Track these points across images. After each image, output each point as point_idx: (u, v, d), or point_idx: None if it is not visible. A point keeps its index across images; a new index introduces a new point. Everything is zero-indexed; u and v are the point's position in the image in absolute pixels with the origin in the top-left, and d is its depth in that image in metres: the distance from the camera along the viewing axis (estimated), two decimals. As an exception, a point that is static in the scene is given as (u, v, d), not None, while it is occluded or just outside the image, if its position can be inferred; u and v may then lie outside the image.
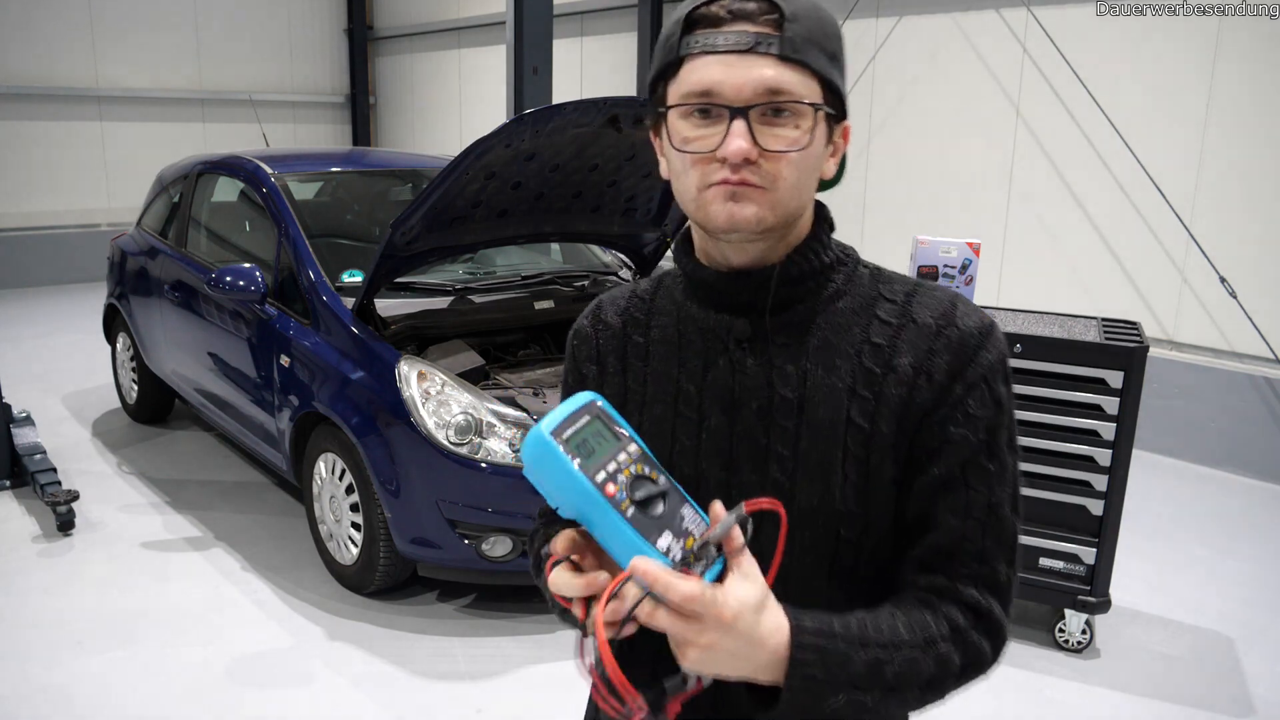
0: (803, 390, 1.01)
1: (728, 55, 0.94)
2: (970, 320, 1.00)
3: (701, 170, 0.97)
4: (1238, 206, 5.11)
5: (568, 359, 1.21)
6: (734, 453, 1.03)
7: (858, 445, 0.99)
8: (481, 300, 3.98)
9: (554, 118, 3.18)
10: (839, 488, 0.99)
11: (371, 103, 12.14)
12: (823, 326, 1.03)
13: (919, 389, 0.98)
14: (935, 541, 0.99)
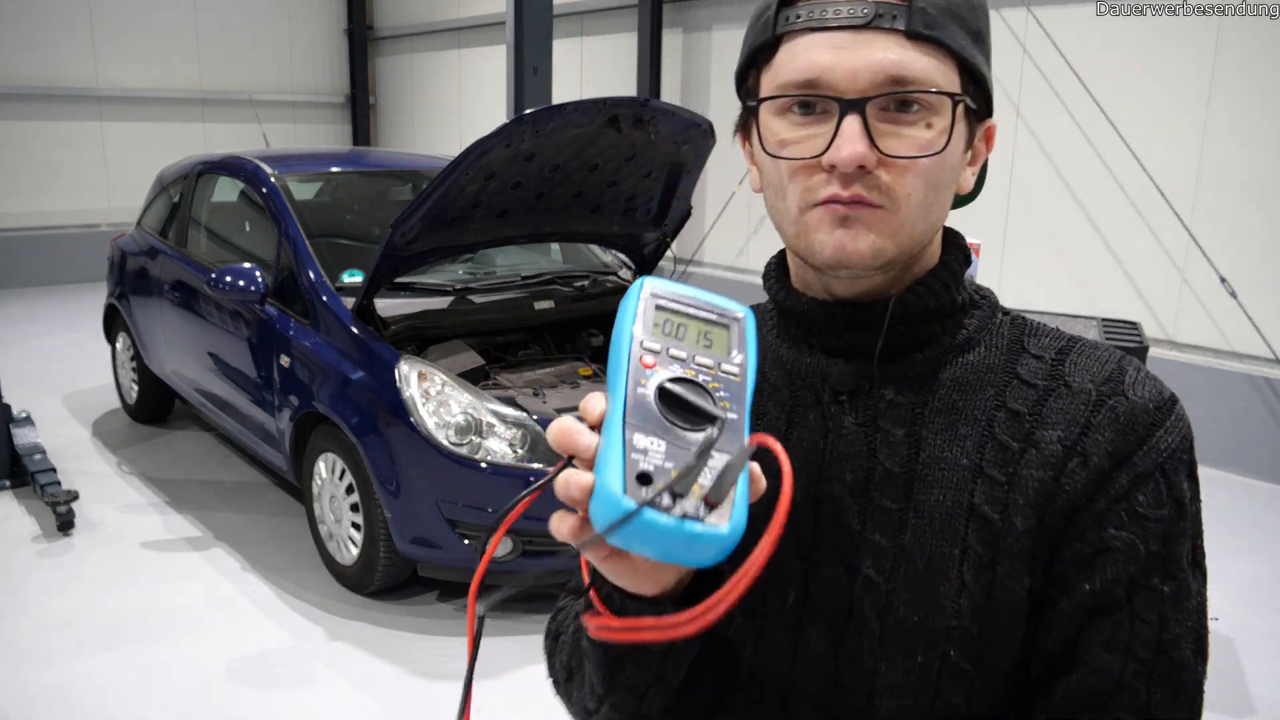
0: (914, 464, 0.78)
1: (839, 32, 0.72)
2: (1145, 390, 0.76)
3: (803, 184, 0.75)
4: (1238, 206, 5.11)
5: None
6: (816, 537, 0.79)
7: (982, 543, 0.75)
8: (481, 300, 3.98)
9: (554, 118, 3.18)
10: (952, 598, 0.75)
11: (371, 103, 12.14)
12: (947, 384, 0.80)
13: (1071, 474, 0.74)
14: (1082, 685, 0.73)
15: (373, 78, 12.17)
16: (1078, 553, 0.74)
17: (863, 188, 0.73)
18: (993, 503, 0.75)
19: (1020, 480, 0.75)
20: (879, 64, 0.71)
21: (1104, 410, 0.75)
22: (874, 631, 0.77)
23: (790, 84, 0.74)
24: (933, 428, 0.78)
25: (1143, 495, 0.73)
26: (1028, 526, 0.74)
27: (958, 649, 0.75)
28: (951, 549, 0.75)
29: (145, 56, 10.31)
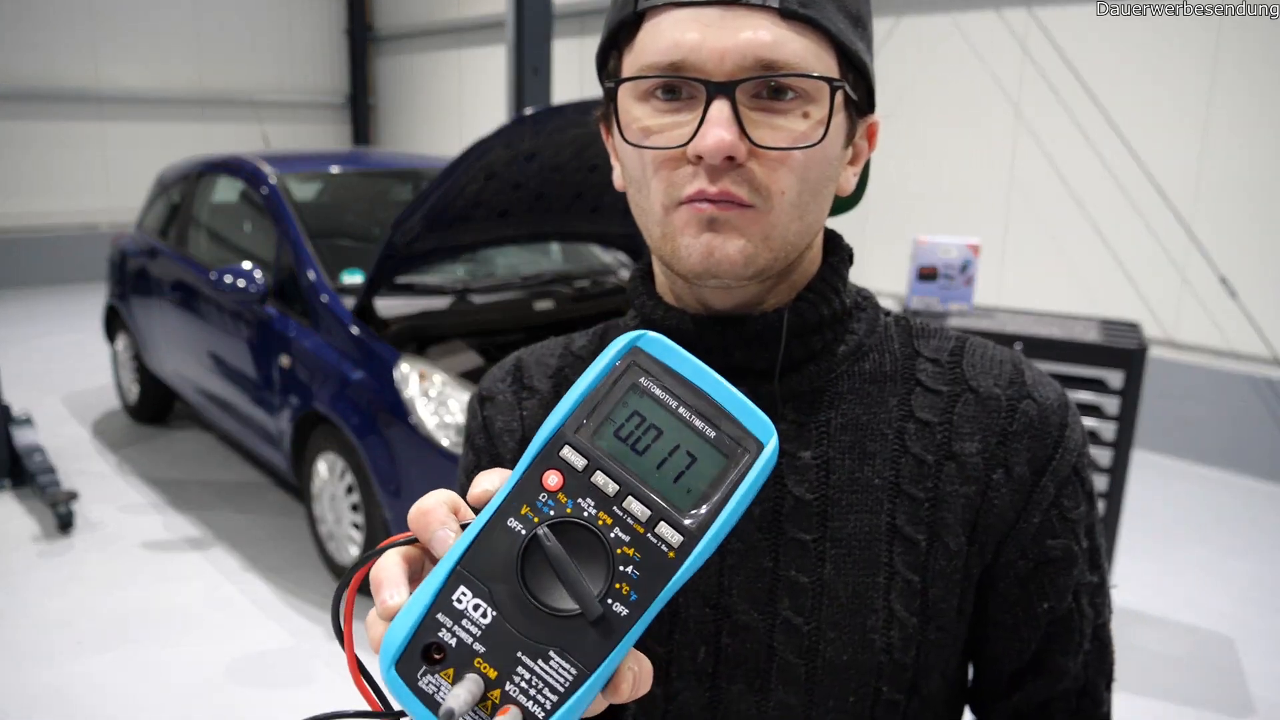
0: (825, 488, 0.72)
1: (707, 9, 0.64)
2: (1047, 390, 0.75)
3: (667, 178, 0.67)
4: (1238, 206, 5.11)
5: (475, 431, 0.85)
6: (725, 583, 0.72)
7: (908, 567, 0.71)
8: (481, 300, 3.98)
9: (554, 118, 3.18)
10: (881, 631, 0.70)
11: (371, 103, 12.14)
12: (847, 397, 0.74)
13: (996, 487, 0.72)
14: (1039, 690, 0.76)
15: (373, 78, 12.17)
16: (1022, 571, 0.73)
17: (731, 183, 0.65)
18: (916, 523, 0.71)
19: (944, 497, 0.71)
20: (750, 44, 0.63)
21: (1017, 417, 0.73)
22: (800, 677, 0.71)
23: (653, 65, 0.65)
24: (839, 447, 0.72)
25: (1067, 500, 0.73)
26: (959, 546, 0.71)
27: (889, 683, 0.71)
28: (875, 578, 0.70)
29: (145, 56, 10.31)
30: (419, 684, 0.43)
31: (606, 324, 0.87)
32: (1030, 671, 0.75)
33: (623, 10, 0.68)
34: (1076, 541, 0.74)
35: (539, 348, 0.86)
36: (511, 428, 0.82)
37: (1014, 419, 0.72)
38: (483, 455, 0.84)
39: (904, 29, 6.52)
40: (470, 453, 0.86)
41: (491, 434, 0.83)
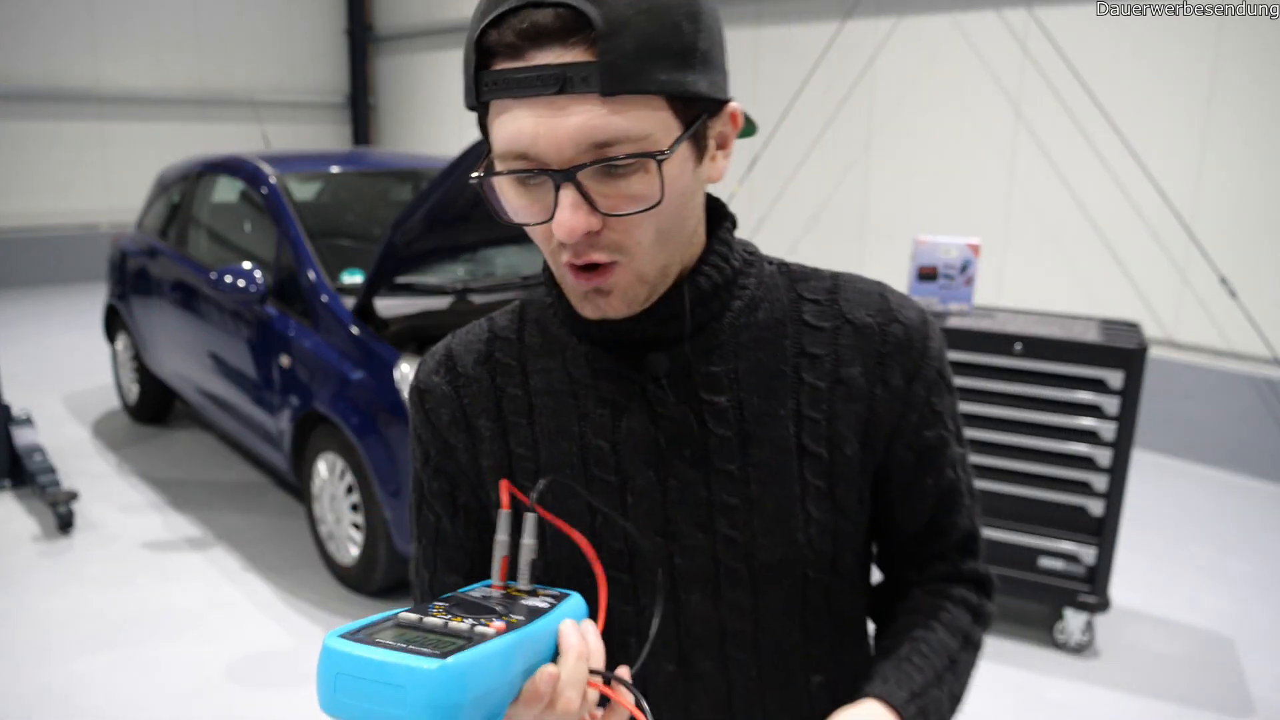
0: (741, 424, 0.84)
1: (536, 100, 0.70)
2: (909, 312, 0.89)
3: (545, 246, 0.78)
4: (1238, 206, 5.11)
5: (420, 426, 0.94)
6: (670, 514, 0.85)
7: (818, 477, 0.85)
8: (481, 300, 3.98)
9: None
10: (803, 529, 0.85)
11: (371, 103, 12.14)
12: (749, 345, 0.86)
13: (879, 400, 0.87)
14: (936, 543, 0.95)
15: (373, 78, 12.17)
16: (908, 459, 0.90)
17: (595, 251, 0.76)
18: (818, 440, 0.86)
19: (839, 415, 0.86)
20: (580, 131, 0.70)
21: (888, 339, 0.87)
22: (744, 579, 0.86)
23: (505, 154, 0.74)
24: (749, 388, 0.85)
25: (934, 398, 0.89)
26: (854, 452, 0.87)
27: (814, 568, 0.87)
28: (791, 490, 0.85)
29: (145, 56, 10.31)
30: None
31: (523, 300, 0.96)
32: (927, 532, 0.94)
33: (470, 100, 0.76)
34: (945, 428, 0.91)
35: (464, 333, 0.95)
36: (456, 418, 0.92)
37: (886, 341, 0.87)
38: (430, 448, 0.94)
39: (904, 29, 6.52)
40: (418, 446, 0.95)
41: (438, 427, 0.92)
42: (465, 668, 0.59)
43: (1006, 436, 3.32)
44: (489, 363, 0.92)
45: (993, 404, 3.32)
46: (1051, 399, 3.25)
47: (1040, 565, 3.33)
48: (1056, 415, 3.25)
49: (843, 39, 6.83)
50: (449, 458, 0.92)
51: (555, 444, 0.88)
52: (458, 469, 0.92)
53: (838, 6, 6.84)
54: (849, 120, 6.94)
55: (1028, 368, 3.26)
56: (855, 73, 6.83)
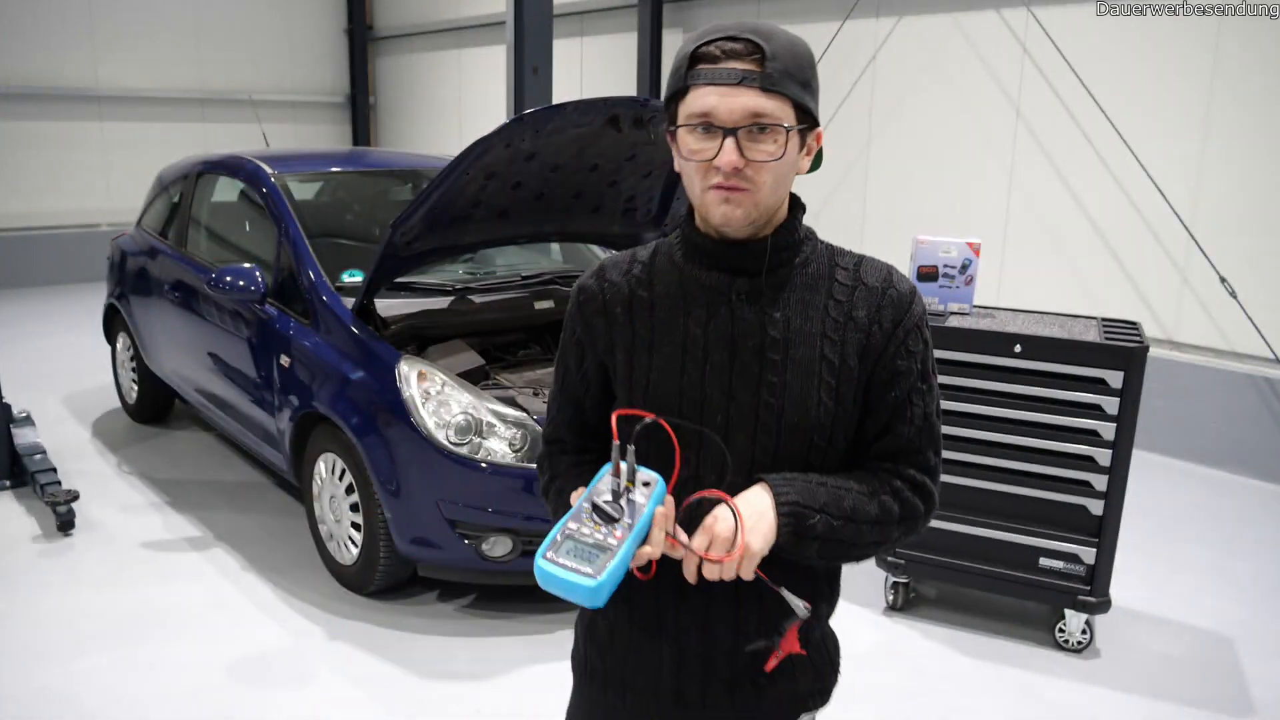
0: (787, 333, 1.29)
1: (721, 87, 1.20)
2: (904, 285, 1.33)
3: (703, 174, 1.25)
4: (1238, 207, 5.11)
5: (573, 315, 1.42)
6: (733, 383, 1.30)
7: (829, 375, 1.30)
8: (481, 300, 3.98)
9: (554, 118, 3.17)
10: (815, 409, 1.29)
11: (371, 103, 12.14)
12: (798, 286, 1.31)
13: (873, 335, 1.30)
14: (890, 444, 1.33)
15: (373, 78, 12.17)
16: (883, 378, 1.31)
17: (737, 179, 1.22)
18: (833, 352, 1.30)
19: (847, 340, 1.30)
20: (743, 107, 1.20)
21: (886, 298, 1.31)
22: (772, 430, 1.29)
23: (694, 115, 1.23)
24: (795, 313, 1.30)
25: (910, 341, 1.31)
26: (854, 364, 1.30)
27: (819, 436, 1.30)
28: (812, 380, 1.29)
29: (145, 56, 10.31)
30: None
31: (658, 241, 1.41)
32: (884, 433, 1.33)
33: (678, 83, 1.25)
34: (913, 363, 1.31)
35: (614, 256, 1.43)
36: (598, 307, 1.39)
37: (885, 298, 1.31)
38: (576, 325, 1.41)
39: (904, 29, 6.52)
40: (568, 325, 1.43)
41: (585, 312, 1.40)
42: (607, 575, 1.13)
43: (1006, 436, 3.32)
44: (628, 275, 1.39)
45: (993, 404, 3.32)
46: (1051, 399, 3.25)
47: (1040, 565, 3.33)
48: (1056, 415, 3.25)
49: (843, 39, 6.83)
50: (587, 333, 1.40)
51: (666, 330, 1.33)
52: (591, 341, 1.39)
53: (838, 6, 6.84)
54: (849, 120, 6.94)
55: (1028, 368, 3.26)
56: (855, 72, 6.83)
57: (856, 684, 3.14)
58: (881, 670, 3.23)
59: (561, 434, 1.46)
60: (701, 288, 1.32)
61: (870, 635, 3.45)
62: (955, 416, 3.38)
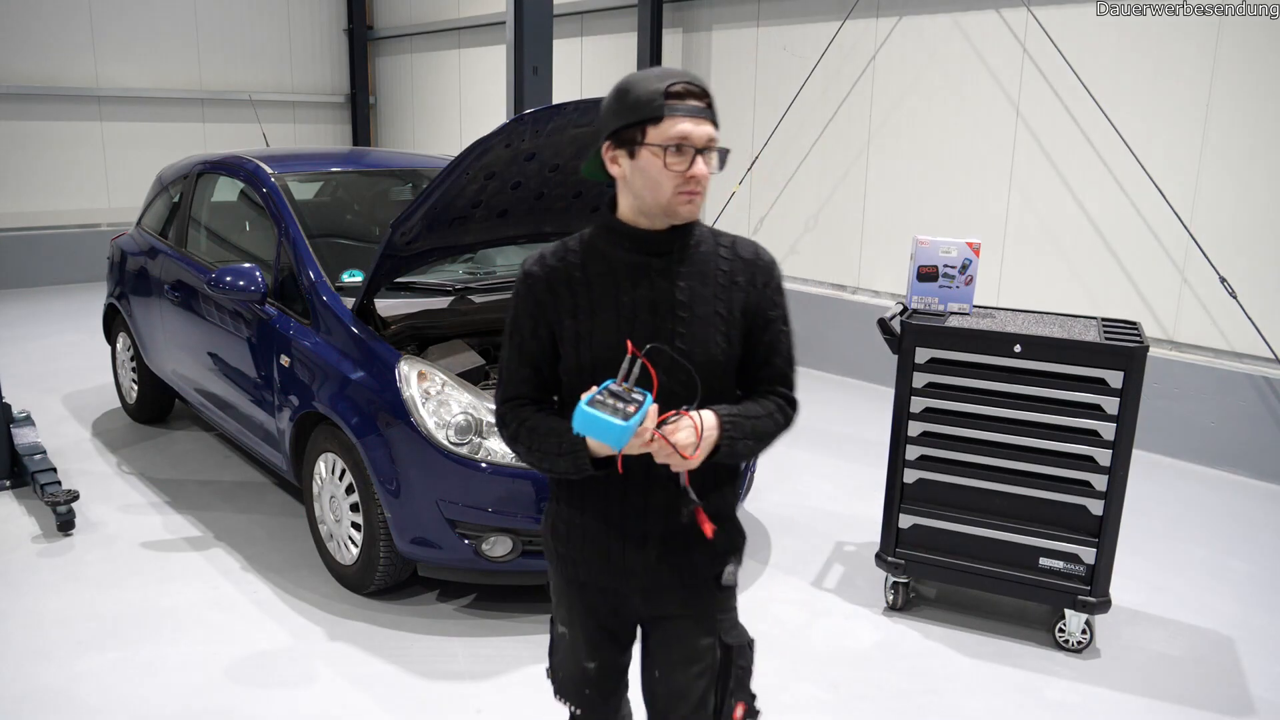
0: (691, 296, 1.73)
1: (693, 118, 1.63)
2: (767, 256, 1.81)
3: (676, 182, 1.65)
4: (1238, 207, 5.11)
5: (523, 295, 1.80)
6: (657, 334, 1.71)
7: (722, 325, 1.74)
8: (481, 300, 3.98)
9: (554, 118, 3.17)
10: (714, 349, 1.73)
11: (371, 103, 12.14)
12: (695, 261, 1.75)
13: (750, 293, 1.77)
14: (767, 373, 1.81)
15: (373, 78, 12.17)
16: (760, 324, 1.78)
17: (696, 185, 1.66)
18: (724, 309, 1.74)
19: (733, 299, 1.75)
20: (705, 134, 1.65)
21: (757, 265, 1.79)
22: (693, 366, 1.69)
23: (672, 137, 1.62)
24: (695, 280, 1.74)
25: (776, 296, 1.80)
26: (738, 317, 1.76)
27: (718, 371, 1.75)
28: (711, 328, 1.73)
29: (145, 56, 10.31)
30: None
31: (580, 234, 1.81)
32: (763, 365, 1.81)
33: (656, 111, 1.63)
34: (777, 311, 1.80)
35: (550, 246, 1.83)
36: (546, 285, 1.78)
37: (755, 266, 1.79)
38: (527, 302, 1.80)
39: (904, 29, 6.52)
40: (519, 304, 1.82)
41: (535, 291, 1.79)
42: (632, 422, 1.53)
43: (1006, 436, 3.32)
44: (563, 260, 1.77)
45: (993, 404, 3.32)
46: (1051, 399, 3.25)
47: (1041, 565, 3.33)
48: (1056, 415, 3.25)
49: (843, 39, 6.83)
50: (538, 308, 1.77)
51: (603, 299, 1.72)
52: (541, 314, 1.76)
53: (838, 6, 6.85)
54: (849, 120, 6.94)
55: (1028, 367, 3.26)
56: (855, 72, 6.83)
57: (856, 684, 3.14)
58: (881, 670, 3.23)
59: (521, 391, 1.80)
60: (626, 265, 1.73)
61: (870, 635, 3.45)
62: (955, 416, 3.38)
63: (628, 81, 1.66)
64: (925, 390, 3.40)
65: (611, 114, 1.67)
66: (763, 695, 3.08)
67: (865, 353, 6.70)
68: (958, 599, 3.72)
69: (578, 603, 1.89)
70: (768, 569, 3.95)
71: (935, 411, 3.40)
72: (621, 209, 1.73)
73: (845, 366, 7.03)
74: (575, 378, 1.72)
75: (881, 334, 3.46)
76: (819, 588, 3.81)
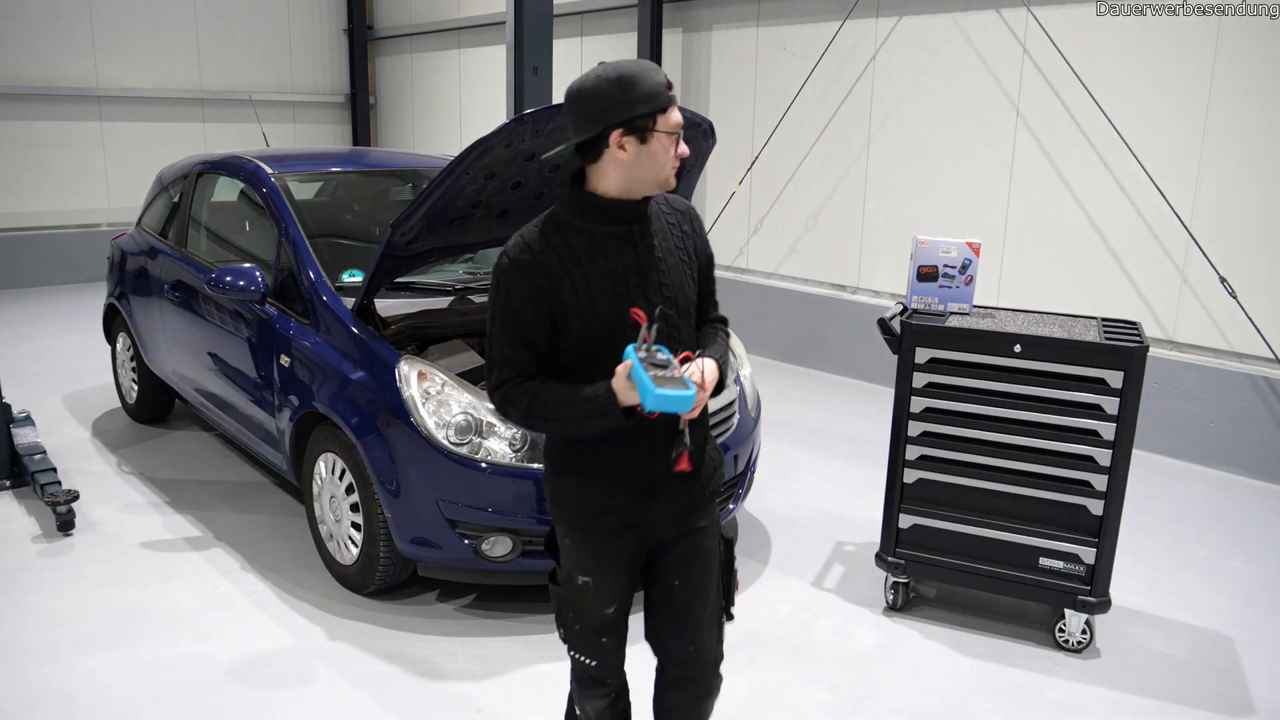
0: (664, 253, 2.00)
1: (676, 107, 1.92)
2: (686, 201, 2.15)
3: (670, 161, 1.92)
4: (1238, 206, 5.11)
5: (514, 280, 1.91)
6: (646, 290, 1.95)
7: (690, 270, 2.06)
8: (481, 300, 3.98)
9: (554, 118, 3.17)
10: (690, 293, 2.05)
11: (371, 103, 12.14)
12: (655, 220, 2.02)
13: (695, 237, 2.10)
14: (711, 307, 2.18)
15: (373, 78, 12.17)
16: (704, 262, 2.13)
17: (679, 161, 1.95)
18: (686, 256, 2.05)
19: (687, 246, 2.06)
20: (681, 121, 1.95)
21: (690, 213, 2.12)
22: (672, 303, 1.99)
23: (674, 125, 1.90)
24: (661, 239, 2.01)
25: (705, 235, 2.14)
26: (695, 262, 2.09)
27: (691, 307, 2.07)
28: (683, 276, 2.03)
29: (145, 56, 10.31)
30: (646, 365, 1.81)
31: (549, 216, 1.99)
32: (708, 298, 2.16)
33: (663, 103, 1.87)
34: (710, 249, 2.15)
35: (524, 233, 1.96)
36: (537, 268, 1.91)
37: (690, 214, 2.12)
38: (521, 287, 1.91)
39: (904, 29, 6.52)
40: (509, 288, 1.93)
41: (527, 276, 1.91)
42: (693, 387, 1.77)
43: (1006, 436, 3.32)
44: (548, 243, 1.93)
45: (993, 404, 3.32)
46: (1051, 399, 3.25)
47: (1041, 565, 3.33)
48: (1056, 415, 3.25)
49: (843, 39, 6.83)
50: (533, 290, 1.89)
51: (593, 268, 1.91)
52: (537, 296, 1.90)
53: (838, 6, 6.85)
54: (849, 120, 6.94)
55: (1028, 367, 3.26)
56: (855, 72, 6.83)
57: (856, 684, 3.14)
58: (881, 670, 3.23)
59: (518, 371, 1.93)
60: (608, 236, 1.94)
61: (870, 635, 3.45)
62: (955, 416, 3.38)
63: (624, 74, 1.83)
64: (925, 390, 3.41)
65: (621, 105, 1.82)
66: (763, 695, 3.09)
67: (865, 353, 6.70)
68: (958, 599, 3.72)
69: (604, 549, 2.06)
70: (768, 569, 3.95)
71: (935, 411, 3.40)
72: (603, 186, 1.91)
73: (845, 366, 7.03)
74: (580, 345, 1.92)
75: (881, 334, 3.46)
76: (819, 588, 3.81)
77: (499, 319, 1.93)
